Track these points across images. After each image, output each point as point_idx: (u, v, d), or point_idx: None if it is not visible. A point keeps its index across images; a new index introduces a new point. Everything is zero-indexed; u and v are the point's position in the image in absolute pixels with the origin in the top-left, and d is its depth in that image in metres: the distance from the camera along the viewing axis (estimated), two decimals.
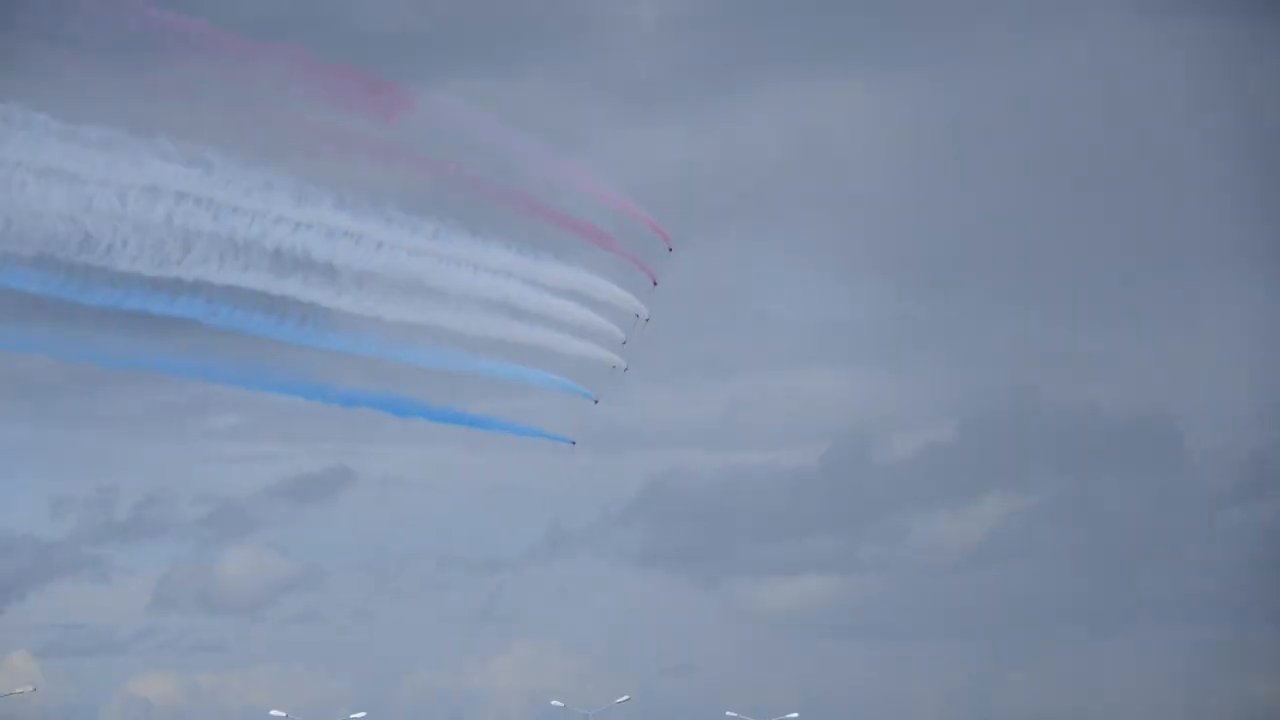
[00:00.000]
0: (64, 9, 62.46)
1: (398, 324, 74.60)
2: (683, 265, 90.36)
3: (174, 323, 68.24)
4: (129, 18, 64.34)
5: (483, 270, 75.94)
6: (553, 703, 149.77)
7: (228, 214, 66.14)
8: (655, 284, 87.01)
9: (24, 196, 60.89)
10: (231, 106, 69.07)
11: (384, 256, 72.13)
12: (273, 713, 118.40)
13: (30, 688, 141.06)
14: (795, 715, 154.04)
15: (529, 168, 78.44)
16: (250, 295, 68.86)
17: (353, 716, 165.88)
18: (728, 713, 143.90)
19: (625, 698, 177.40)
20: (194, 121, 66.93)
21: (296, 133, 70.34)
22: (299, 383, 77.62)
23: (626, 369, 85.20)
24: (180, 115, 66.72)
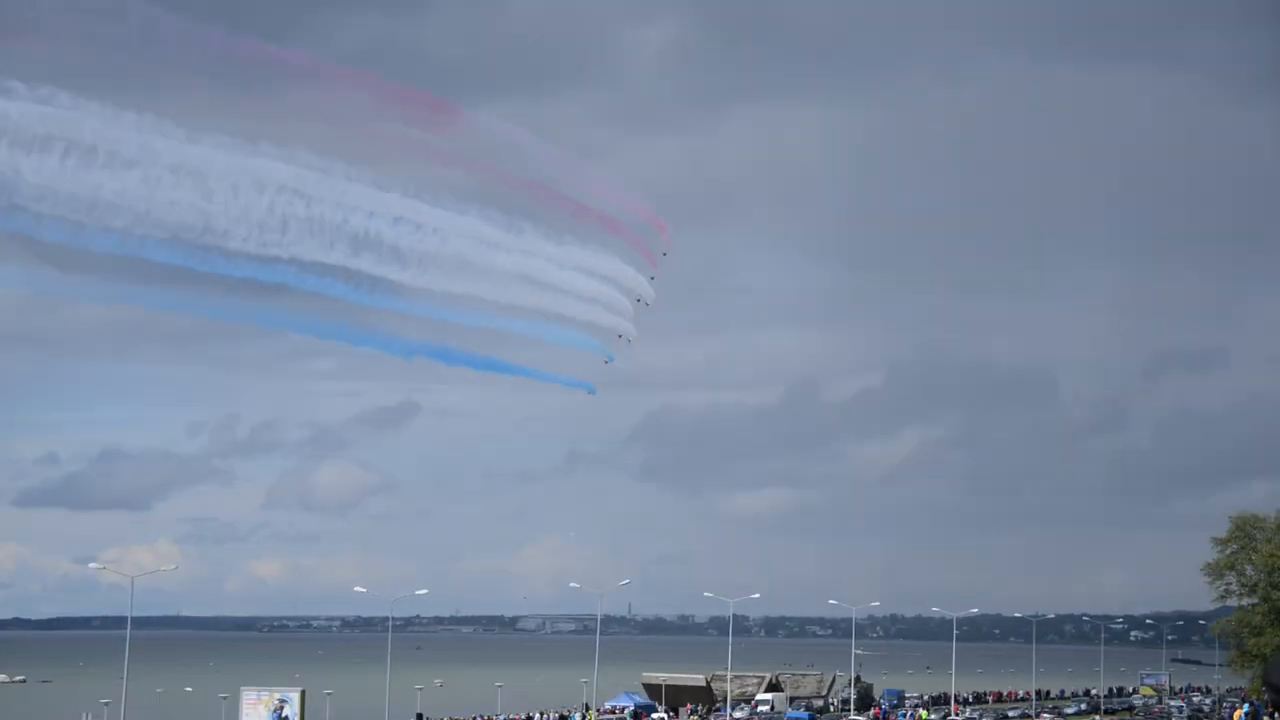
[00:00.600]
0: (192, 43, 73.09)
1: (448, 293, 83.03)
2: (678, 248, 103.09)
3: (274, 288, 78.94)
4: (242, 49, 75.57)
5: (516, 251, 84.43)
6: (571, 584, 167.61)
7: (316, 204, 74.84)
8: (661, 259, 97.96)
9: (160, 188, 69.40)
10: (321, 120, 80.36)
11: (438, 239, 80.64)
12: (357, 588, 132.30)
13: (173, 566, 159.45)
14: (758, 595, 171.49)
15: (554, 170, 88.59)
16: (332, 268, 77.37)
17: (418, 592, 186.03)
18: (705, 593, 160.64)
19: (627, 580, 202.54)
20: (291, 131, 75.70)
21: (372, 141, 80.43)
22: (374, 337, 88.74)
23: (630, 341, 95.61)
24: (281, 126, 75.78)
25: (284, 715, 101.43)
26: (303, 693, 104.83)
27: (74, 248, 68.60)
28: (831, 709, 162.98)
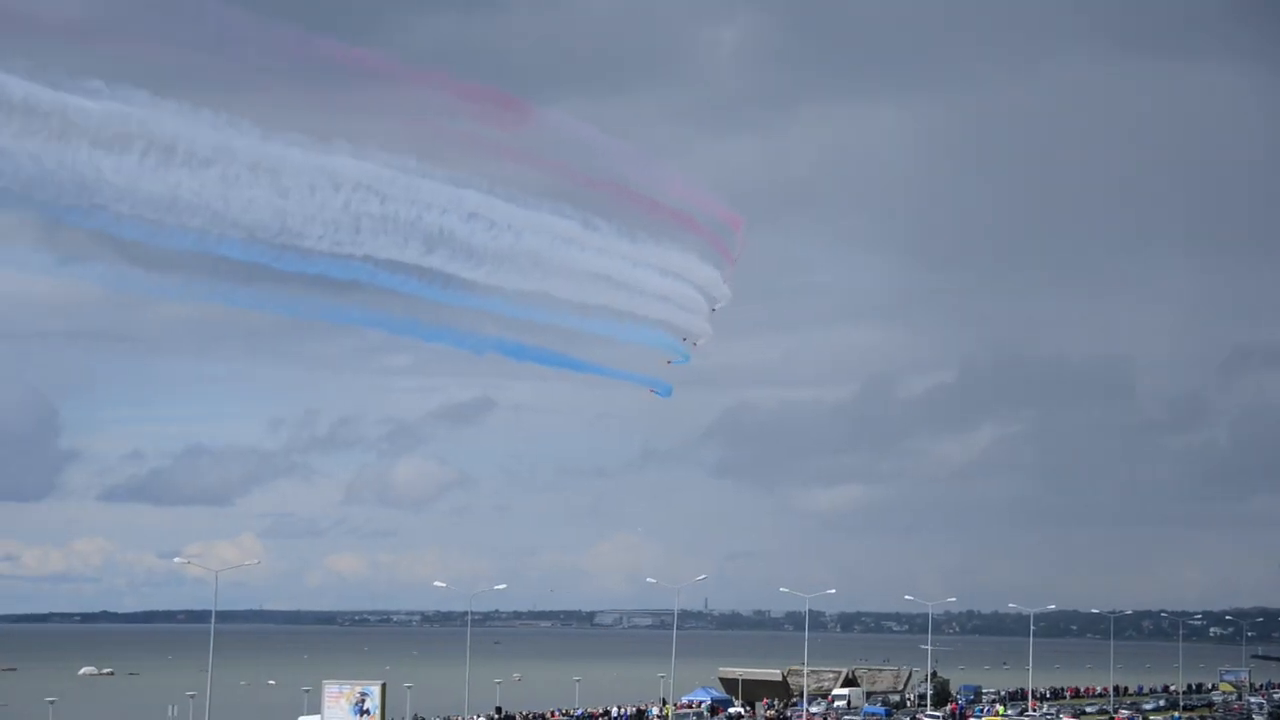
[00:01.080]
0: (269, 43, 73.08)
1: (520, 290, 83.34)
2: (752, 246, 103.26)
3: (349, 285, 79.76)
4: (318, 49, 76.06)
5: (590, 248, 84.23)
6: (647, 580, 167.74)
7: (391, 202, 75.25)
8: (736, 257, 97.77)
9: (237, 187, 70.13)
10: (395, 117, 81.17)
11: (511, 236, 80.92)
12: (436, 583, 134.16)
13: (256, 560, 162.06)
14: (833, 590, 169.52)
15: (628, 168, 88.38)
16: (406, 266, 78.20)
17: (497, 587, 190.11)
18: (781, 588, 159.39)
19: (703, 576, 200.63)
20: (365, 129, 76.63)
21: (445, 139, 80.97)
22: (448, 333, 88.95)
23: (698, 344, 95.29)
24: (356, 124, 77.14)
25: (365, 708, 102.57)
26: (383, 686, 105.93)
27: (154, 246, 70.00)
28: (908, 704, 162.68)
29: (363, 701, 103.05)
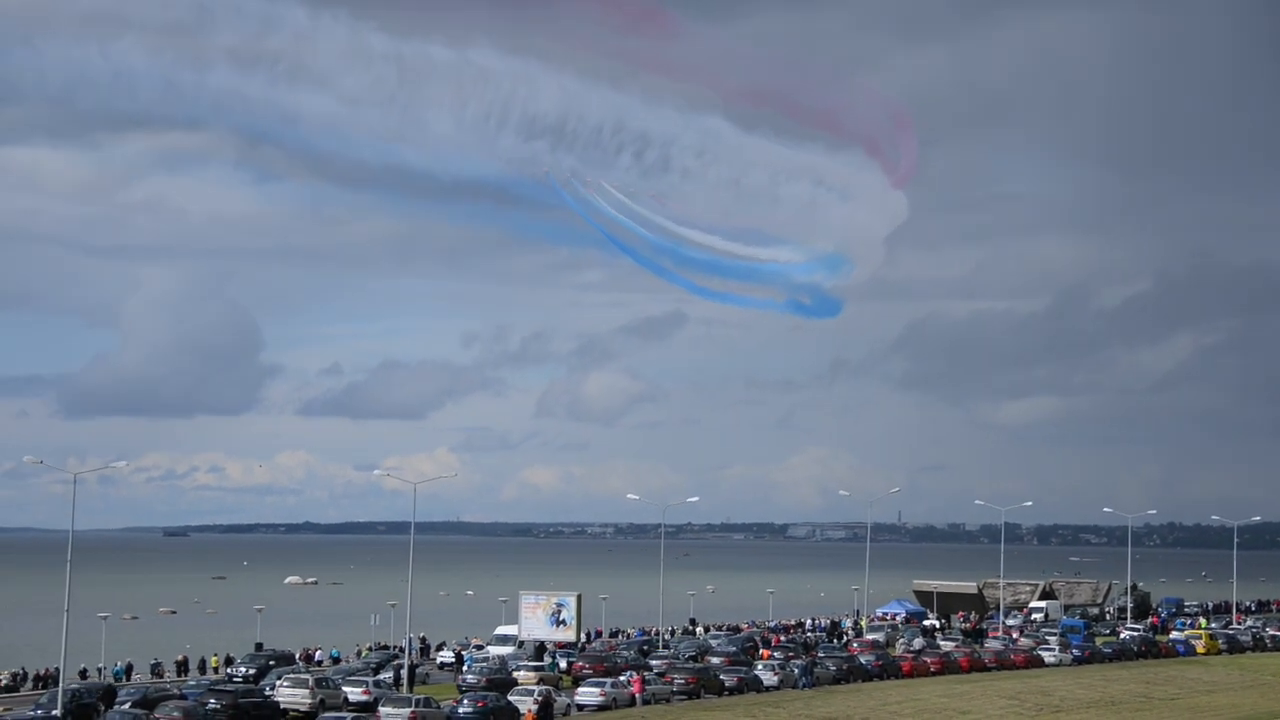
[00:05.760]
0: None
1: (703, 208, 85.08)
2: (943, 154, 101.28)
3: (535, 202, 79.80)
4: None
5: (764, 165, 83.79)
6: (840, 492, 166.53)
7: (585, 119, 74.74)
8: (919, 167, 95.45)
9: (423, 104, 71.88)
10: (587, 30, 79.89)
11: (693, 156, 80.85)
12: (629, 496, 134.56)
13: (453, 474, 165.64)
14: (1030, 503, 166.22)
15: (808, 81, 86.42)
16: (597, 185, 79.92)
17: (690, 499, 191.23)
18: (976, 500, 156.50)
19: (896, 489, 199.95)
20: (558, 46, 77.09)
21: (613, 55, 79.93)
22: (638, 251, 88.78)
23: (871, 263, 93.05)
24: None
25: (561, 619, 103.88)
26: (579, 597, 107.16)
27: (350, 160, 70.81)
28: (1108, 617, 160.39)
29: (559, 612, 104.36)
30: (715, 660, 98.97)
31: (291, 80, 66.14)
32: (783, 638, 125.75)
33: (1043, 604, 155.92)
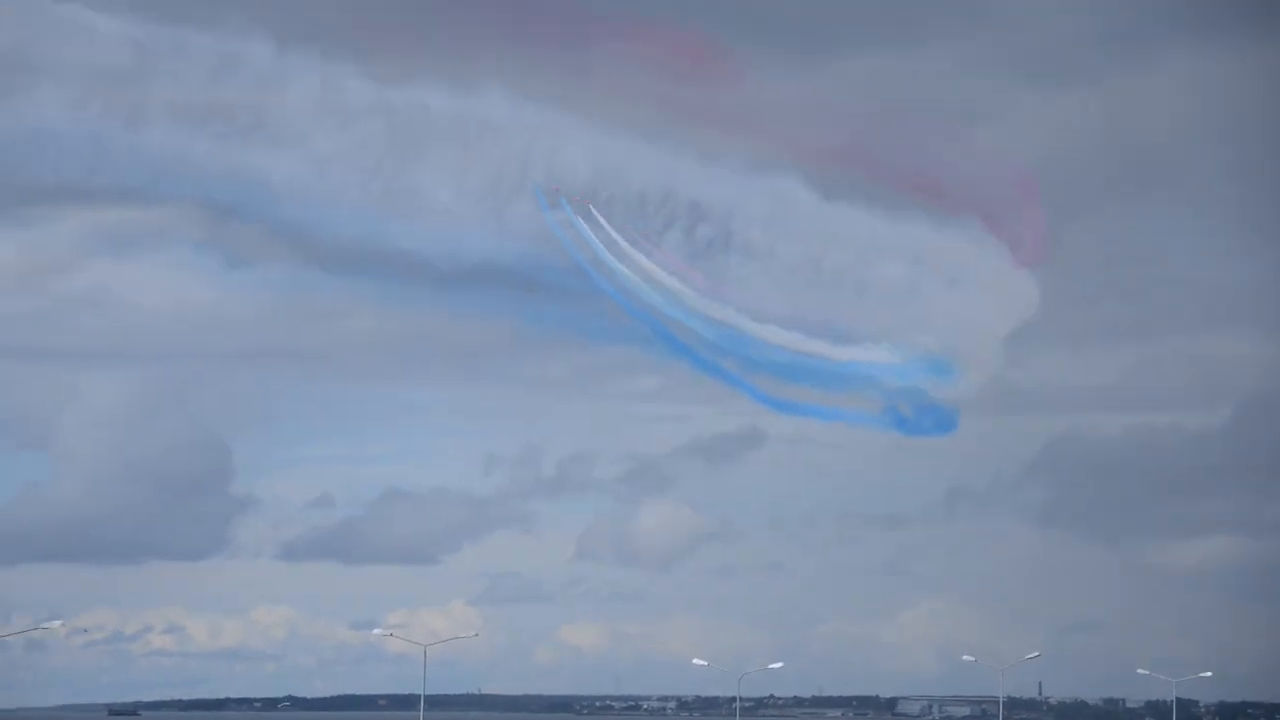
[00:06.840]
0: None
1: (781, 301, 72.35)
2: (1088, 229, 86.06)
3: (569, 291, 66.62)
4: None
5: (852, 248, 72.47)
6: (964, 657, 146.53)
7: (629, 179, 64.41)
8: (1051, 250, 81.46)
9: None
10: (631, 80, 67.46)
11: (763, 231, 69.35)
12: (695, 661, 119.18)
13: (473, 633, 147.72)
14: (1209, 674, 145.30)
15: (917, 136, 73.57)
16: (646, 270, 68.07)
17: (771, 665, 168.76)
18: (1139, 670, 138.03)
19: (1035, 654, 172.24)
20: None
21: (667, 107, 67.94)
22: (698, 353, 74.64)
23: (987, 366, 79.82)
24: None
25: None
26: None
27: (334, 238, 59.35)
28: None
29: None
30: None
31: (253, 137, 53.24)
32: None
33: None
